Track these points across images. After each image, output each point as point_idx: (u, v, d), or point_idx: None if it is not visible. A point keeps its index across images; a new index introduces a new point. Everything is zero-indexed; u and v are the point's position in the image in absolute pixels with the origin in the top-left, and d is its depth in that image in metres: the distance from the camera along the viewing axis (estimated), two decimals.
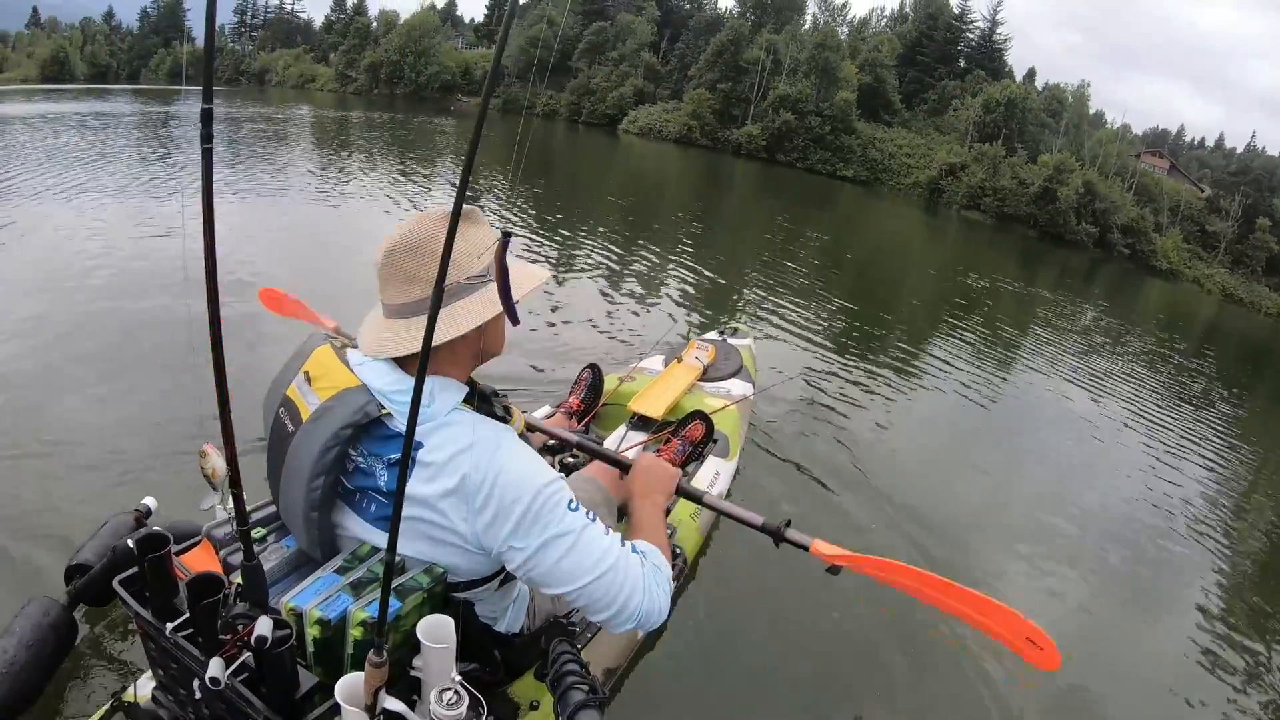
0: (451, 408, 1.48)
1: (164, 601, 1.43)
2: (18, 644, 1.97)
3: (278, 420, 1.59)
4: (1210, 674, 3.76)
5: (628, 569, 1.56)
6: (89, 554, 2.24)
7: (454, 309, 1.47)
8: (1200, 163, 71.55)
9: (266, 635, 1.24)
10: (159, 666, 1.55)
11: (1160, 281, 41.73)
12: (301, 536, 1.58)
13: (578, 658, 1.61)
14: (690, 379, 4.13)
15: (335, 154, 17.39)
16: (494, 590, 1.66)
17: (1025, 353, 10.49)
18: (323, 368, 1.56)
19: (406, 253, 1.48)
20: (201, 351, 1.14)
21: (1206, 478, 7.00)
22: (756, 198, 28.32)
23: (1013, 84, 55.29)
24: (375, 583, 1.44)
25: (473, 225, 1.52)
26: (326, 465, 1.46)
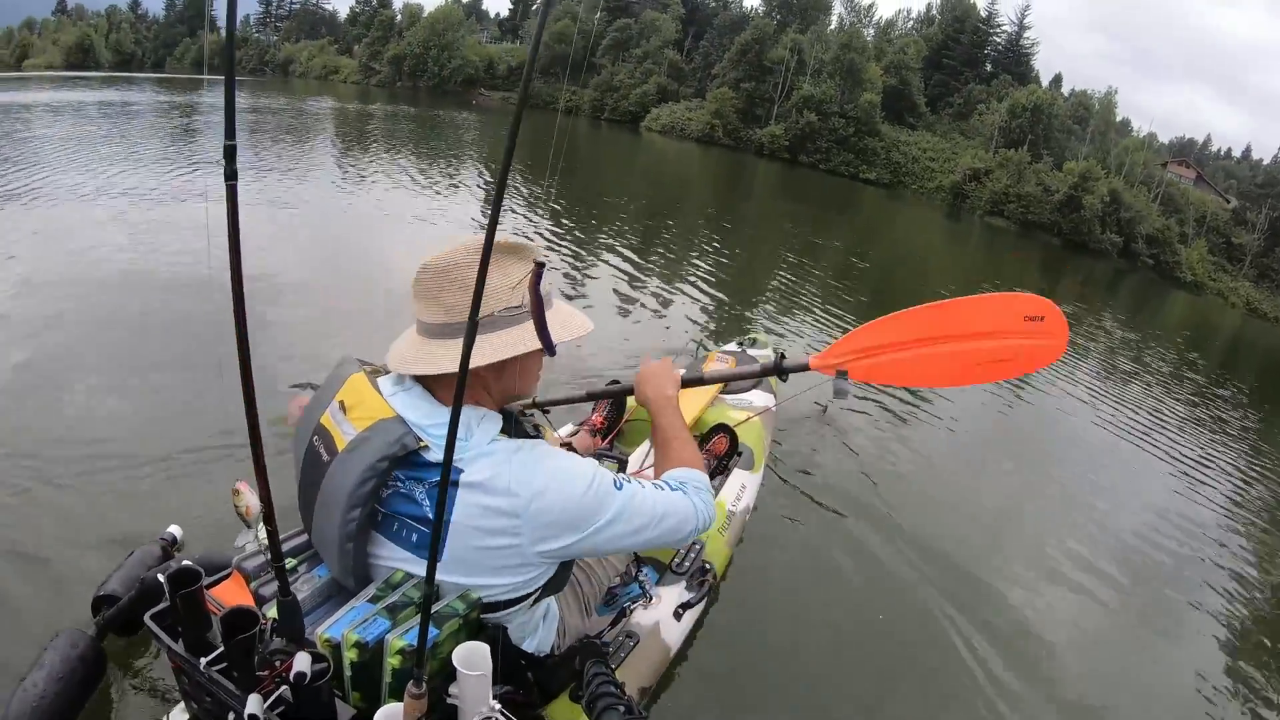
0: (490, 439, 1.49)
1: (197, 636, 1.43)
2: (47, 677, 1.97)
3: (311, 449, 1.58)
4: (1225, 699, 3.70)
5: (679, 508, 1.64)
6: (116, 584, 2.25)
7: (491, 339, 1.48)
8: (1227, 173, 71.03)
9: (305, 671, 1.26)
10: (193, 700, 1.54)
11: (1184, 293, 41.34)
12: (335, 565, 1.58)
13: (613, 678, 1.65)
14: (712, 392, 4.06)
15: (358, 150, 17.25)
16: (527, 608, 1.65)
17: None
18: (357, 396, 1.56)
19: (436, 275, 1.48)
20: (230, 376, 1.13)
21: (1226, 499, 6.88)
22: (778, 201, 27.99)
23: (1039, 89, 54.86)
24: (411, 608, 1.46)
25: (516, 260, 1.52)
26: (363, 497, 1.47)
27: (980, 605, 3.72)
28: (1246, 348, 25.35)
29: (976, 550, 4.38)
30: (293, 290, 6.12)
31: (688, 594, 2.54)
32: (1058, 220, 45.37)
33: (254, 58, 80.00)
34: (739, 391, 4.29)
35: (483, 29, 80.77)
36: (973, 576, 4.04)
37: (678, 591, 2.53)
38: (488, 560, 1.49)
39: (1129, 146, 53.56)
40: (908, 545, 4.10)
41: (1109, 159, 50.80)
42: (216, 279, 1.11)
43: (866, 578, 3.71)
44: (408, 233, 9.86)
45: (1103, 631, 4.04)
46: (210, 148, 13.39)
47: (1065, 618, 4.04)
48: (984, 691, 3.15)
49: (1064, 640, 3.72)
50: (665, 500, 1.63)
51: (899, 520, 4.33)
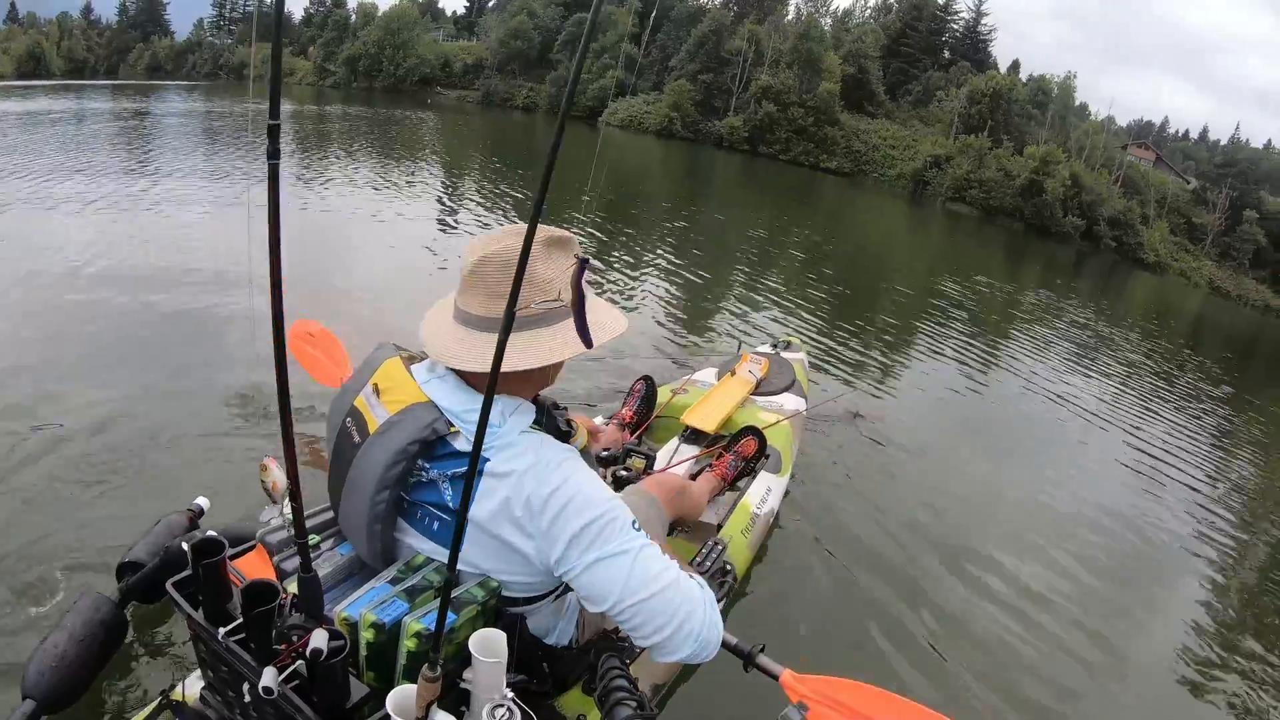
0: (521, 430, 1.49)
1: (217, 606, 1.43)
2: (68, 638, 1.98)
3: (344, 430, 1.59)
4: (1204, 674, 3.79)
5: (687, 590, 1.53)
6: (141, 552, 2.27)
7: (534, 337, 1.48)
8: (1185, 154, 71.98)
9: (322, 648, 1.26)
10: (209, 668, 1.55)
11: (1147, 274, 41.78)
12: (362, 547, 1.59)
13: (627, 673, 1.65)
14: (743, 393, 4.13)
15: (317, 154, 16.58)
16: (549, 604, 1.66)
17: (1012, 350, 10.40)
18: (391, 380, 1.58)
19: (500, 268, 1.47)
20: (264, 355, 1.15)
21: (1195, 475, 6.99)
22: (738, 193, 27.92)
23: (998, 75, 55.12)
24: (430, 591, 1.48)
25: (563, 253, 1.51)
26: (392, 479, 1.49)
27: (1009, 619, 3.69)
28: (1210, 327, 25.62)
29: (943, 534, 4.34)
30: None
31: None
32: (1020, 205, 45.61)
33: (209, 62, 78.68)
34: (770, 394, 4.30)
35: (438, 27, 79.65)
36: (938, 557, 4.04)
37: None
38: (504, 553, 1.50)
39: (1089, 130, 53.99)
40: (933, 552, 4.06)
41: (1069, 143, 51.22)
42: (250, 266, 1.11)
43: (890, 586, 3.64)
44: (371, 232, 9.66)
45: (1081, 610, 4.03)
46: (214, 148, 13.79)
47: (1042, 599, 4.01)
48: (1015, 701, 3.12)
49: (1042, 621, 3.77)
50: (678, 576, 1.52)
51: (926, 528, 4.30)
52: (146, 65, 79.44)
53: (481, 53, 65.19)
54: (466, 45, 69.63)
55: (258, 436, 3.71)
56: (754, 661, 1.95)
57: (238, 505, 2.83)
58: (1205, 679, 3.74)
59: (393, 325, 5.36)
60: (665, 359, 6.26)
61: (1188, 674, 3.74)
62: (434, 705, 1.26)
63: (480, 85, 62.49)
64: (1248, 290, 47.29)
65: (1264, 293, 47.20)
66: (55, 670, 1.94)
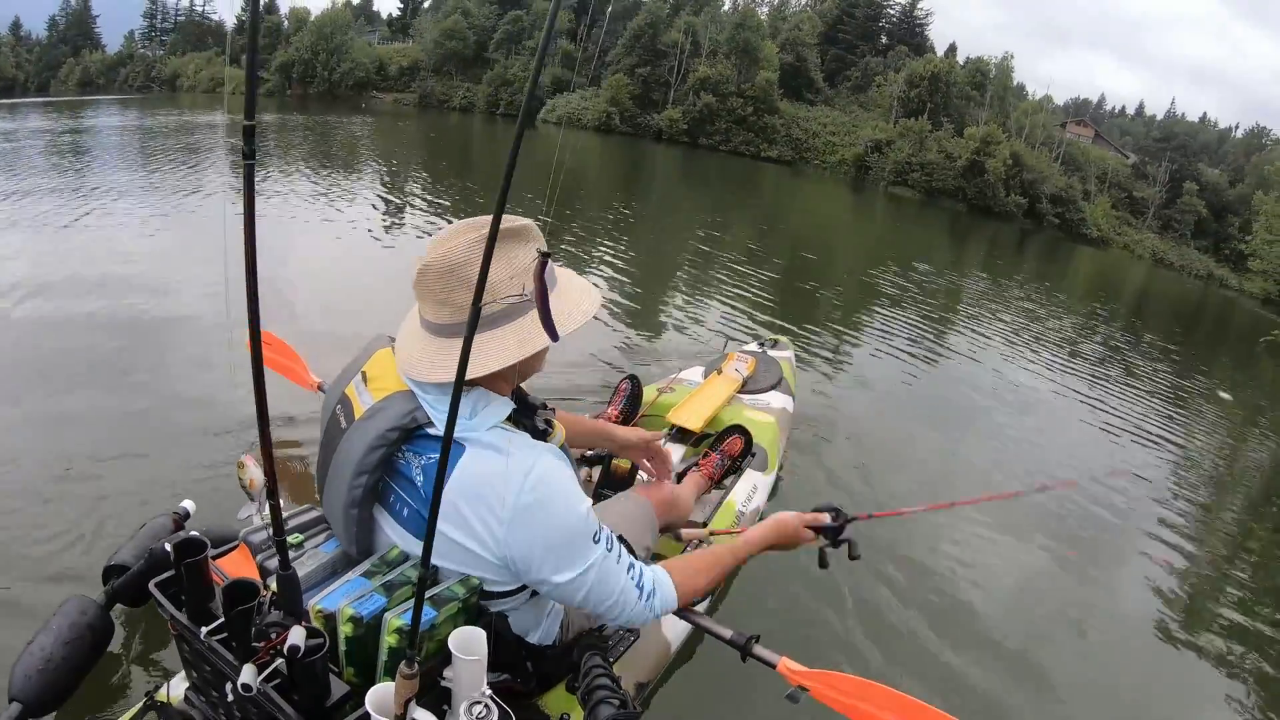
0: (492, 424, 1.49)
1: (200, 606, 1.46)
2: (54, 641, 1.98)
3: (333, 417, 1.62)
4: (1163, 632, 3.87)
5: (623, 603, 1.60)
6: (127, 555, 2.28)
7: (493, 337, 1.48)
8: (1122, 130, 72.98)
9: (299, 645, 1.27)
10: (192, 668, 1.58)
11: (1091, 249, 42.38)
12: (340, 532, 1.61)
13: (609, 671, 1.67)
14: (730, 391, 4.13)
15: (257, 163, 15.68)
16: (526, 600, 1.66)
17: (960, 330, 10.38)
18: (380, 368, 1.60)
19: (441, 275, 1.47)
20: (240, 361, 1.18)
21: (1147, 439, 7.20)
22: (680, 186, 27.63)
23: (935, 59, 55.39)
24: (408, 587, 1.49)
25: (519, 244, 1.50)
26: (370, 464, 1.51)
27: (993, 607, 3.71)
28: (1156, 298, 26.06)
29: (983, 541, 4.33)
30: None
31: None
32: (962, 186, 45.99)
33: (140, 74, 76.74)
34: (757, 392, 4.29)
35: (373, 30, 78.24)
36: (981, 576, 3.97)
37: None
38: (473, 550, 1.49)
39: (1027, 109, 54.59)
40: (918, 547, 4.03)
41: (1009, 123, 51.70)
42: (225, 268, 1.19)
43: (876, 583, 3.60)
44: (314, 241, 9.37)
45: (1039, 577, 4.16)
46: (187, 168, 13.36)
47: (1000, 568, 4.14)
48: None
49: (1003, 593, 3.90)
50: (621, 589, 1.60)
51: (910, 523, 4.19)
52: (78, 80, 77.52)
53: (417, 54, 64.04)
54: (401, 47, 68.24)
55: (239, 437, 3.70)
56: (750, 652, 1.96)
57: (222, 507, 2.82)
58: (1180, 638, 3.84)
59: (344, 332, 5.21)
60: (644, 355, 6.27)
61: (1161, 632, 3.84)
62: (413, 702, 1.26)
63: (416, 87, 61.40)
64: (1190, 260, 48.39)
65: (1206, 262, 48.24)
66: (41, 673, 1.93)
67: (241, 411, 3.83)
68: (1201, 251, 50.07)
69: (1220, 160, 63.82)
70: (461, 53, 60.58)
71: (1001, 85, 55.62)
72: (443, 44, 60.64)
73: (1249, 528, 5.87)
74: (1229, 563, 4.97)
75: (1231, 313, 30.33)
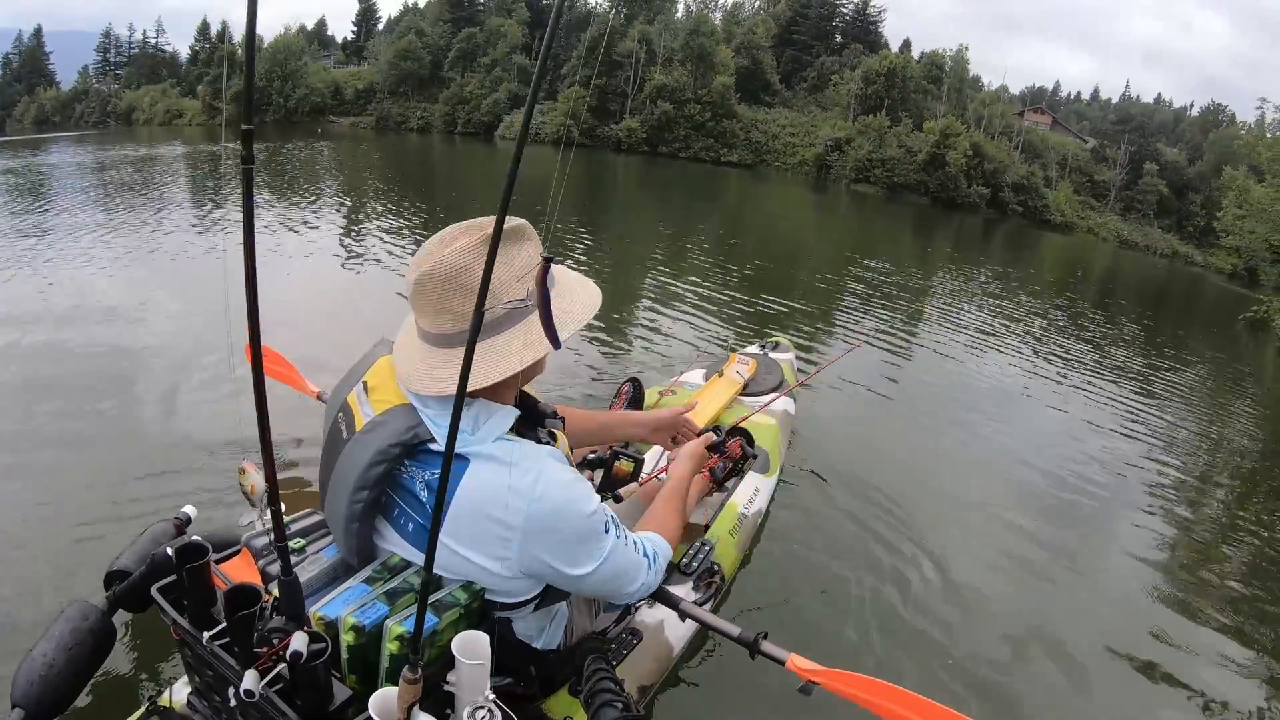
0: (496, 436, 1.47)
1: (202, 610, 1.46)
2: (56, 647, 1.97)
3: (335, 425, 1.61)
4: (1146, 616, 3.85)
5: (639, 574, 1.67)
6: (128, 560, 2.27)
7: (497, 344, 1.46)
8: (1079, 115, 73.42)
9: (302, 650, 1.27)
10: (195, 673, 1.57)
11: (1056, 235, 42.64)
12: (341, 543, 1.59)
13: (613, 674, 1.69)
14: (731, 393, 4.12)
15: (213, 194, 15.09)
16: (531, 611, 1.64)
17: (930, 323, 10.33)
18: (380, 378, 1.59)
19: (440, 282, 1.44)
20: (241, 365, 1.18)
21: (1120, 424, 7.10)
22: (642, 195, 27.85)
23: (890, 54, 55.64)
24: (410, 594, 1.48)
25: (515, 245, 1.48)
26: (372, 479, 1.48)
27: (993, 603, 3.66)
28: (1123, 278, 26.24)
29: (888, 506, 4.28)
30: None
31: (694, 594, 2.47)
32: (924, 180, 46.10)
33: (95, 110, 76.06)
34: (759, 394, 4.25)
35: (328, 54, 77.68)
36: (980, 571, 3.95)
37: (684, 591, 2.45)
38: (480, 563, 1.48)
39: (985, 100, 54.94)
40: (920, 550, 3.93)
41: (967, 114, 51.95)
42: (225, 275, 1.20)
43: (879, 585, 3.56)
44: (284, 266, 8.88)
45: (1025, 567, 4.11)
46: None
47: (987, 560, 4.10)
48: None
49: (992, 583, 3.84)
50: (635, 564, 1.66)
51: (912, 525, 4.14)
52: (33, 119, 76.91)
53: (372, 77, 63.68)
54: (357, 70, 67.96)
55: (240, 443, 3.56)
56: (759, 649, 1.95)
57: (225, 513, 2.90)
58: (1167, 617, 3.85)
59: (321, 356, 4.98)
60: (624, 363, 6.23)
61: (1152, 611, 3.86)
62: (416, 707, 1.26)
63: (373, 110, 60.94)
64: (1154, 240, 48.75)
65: (1171, 240, 48.58)
66: (44, 679, 1.91)
67: (241, 417, 3.55)
68: (1165, 230, 50.58)
69: (1178, 139, 64.59)
70: (417, 73, 60.34)
71: (958, 78, 56.01)
72: (398, 65, 60.36)
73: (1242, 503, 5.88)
74: (1224, 539, 5.02)
75: (1202, 289, 30.69)
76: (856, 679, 1.78)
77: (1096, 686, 3.21)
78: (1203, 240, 48.05)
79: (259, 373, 1.15)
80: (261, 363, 1.15)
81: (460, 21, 61.70)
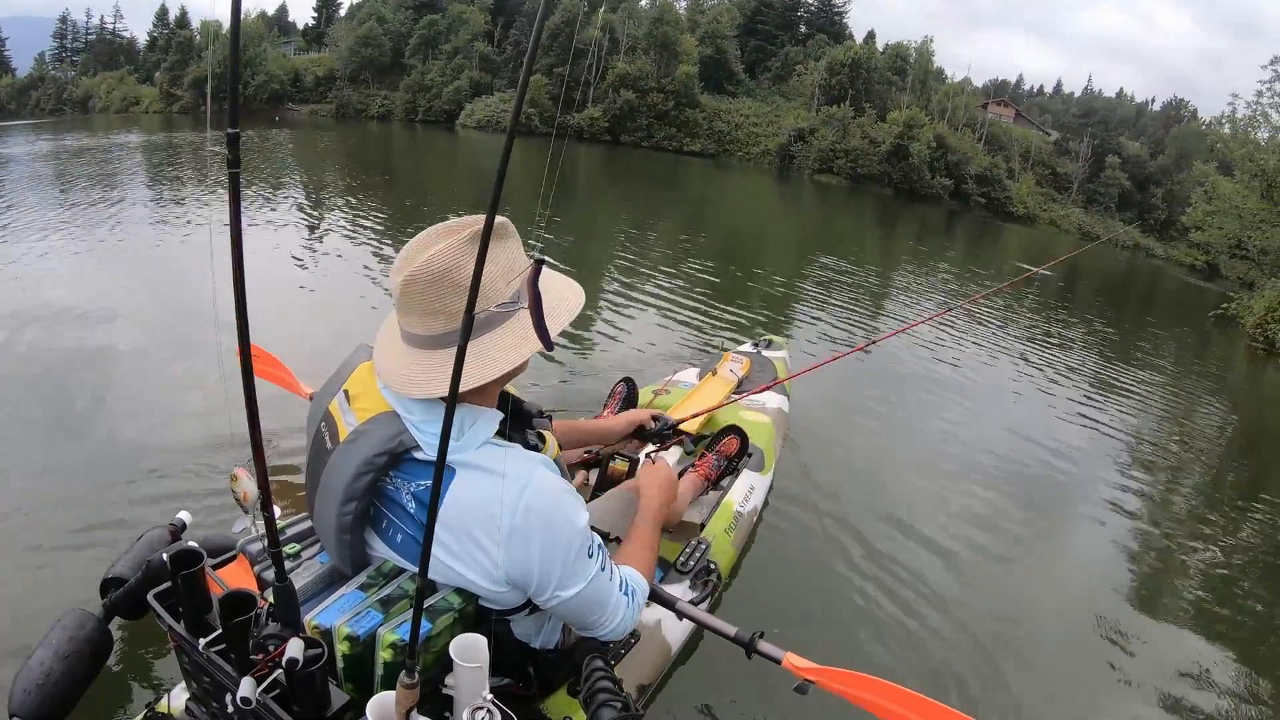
0: (481, 442, 1.45)
1: (198, 617, 1.45)
2: (53, 655, 1.97)
3: (318, 435, 1.59)
4: (1110, 588, 4.00)
5: (616, 610, 1.64)
6: (124, 567, 2.26)
7: (486, 343, 1.43)
8: (1041, 108, 73.95)
9: (298, 658, 1.26)
10: (192, 679, 1.56)
11: (1019, 227, 43.12)
12: (334, 554, 1.58)
13: (611, 674, 1.65)
14: (725, 392, 4.08)
15: (172, 186, 14.46)
16: (526, 614, 1.62)
17: (894, 314, 10.33)
18: (362, 386, 1.56)
19: (429, 283, 1.41)
20: (232, 374, 1.15)
21: (1087, 408, 7.35)
22: (603, 184, 27.14)
23: (855, 45, 55.73)
24: (404, 600, 1.48)
25: (502, 243, 1.45)
26: (358, 491, 1.46)
27: (991, 611, 3.59)
28: (1084, 270, 26.18)
29: (858, 496, 4.35)
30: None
31: (691, 593, 2.47)
32: (888, 170, 46.25)
33: (52, 97, 74.28)
34: (752, 392, 4.18)
35: (287, 41, 76.32)
36: (968, 565, 3.94)
37: (681, 590, 2.48)
38: (470, 573, 1.47)
39: (949, 92, 55.19)
40: (916, 547, 3.99)
41: (931, 106, 52.22)
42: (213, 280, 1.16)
43: (873, 580, 3.57)
44: (253, 263, 8.34)
45: (995, 549, 4.17)
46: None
47: (954, 544, 4.08)
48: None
49: (960, 564, 3.89)
50: (615, 599, 1.64)
51: (904, 523, 4.20)
52: None
53: (332, 64, 62.51)
54: (317, 57, 66.53)
55: (232, 447, 3.43)
56: (755, 648, 1.96)
57: (220, 519, 2.91)
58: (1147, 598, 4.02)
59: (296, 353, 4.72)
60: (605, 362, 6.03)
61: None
62: (414, 711, 1.26)
63: (333, 97, 59.84)
64: (1116, 232, 49.00)
65: (1132, 233, 49.09)
66: (41, 688, 1.90)
67: (233, 422, 3.35)
68: (1126, 223, 51.02)
69: (1140, 133, 65.18)
70: (378, 60, 59.35)
71: (922, 69, 56.24)
72: (358, 52, 59.30)
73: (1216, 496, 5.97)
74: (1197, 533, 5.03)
75: (1161, 282, 31.10)
76: (852, 677, 1.79)
77: (1095, 679, 3.25)
78: (1164, 233, 48.55)
79: (249, 377, 1.12)
80: (251, 366, 1.12)
81: (422, 8, 60.66)
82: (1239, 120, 20.30)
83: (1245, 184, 19.27)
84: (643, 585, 1.78)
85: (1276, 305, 15.27)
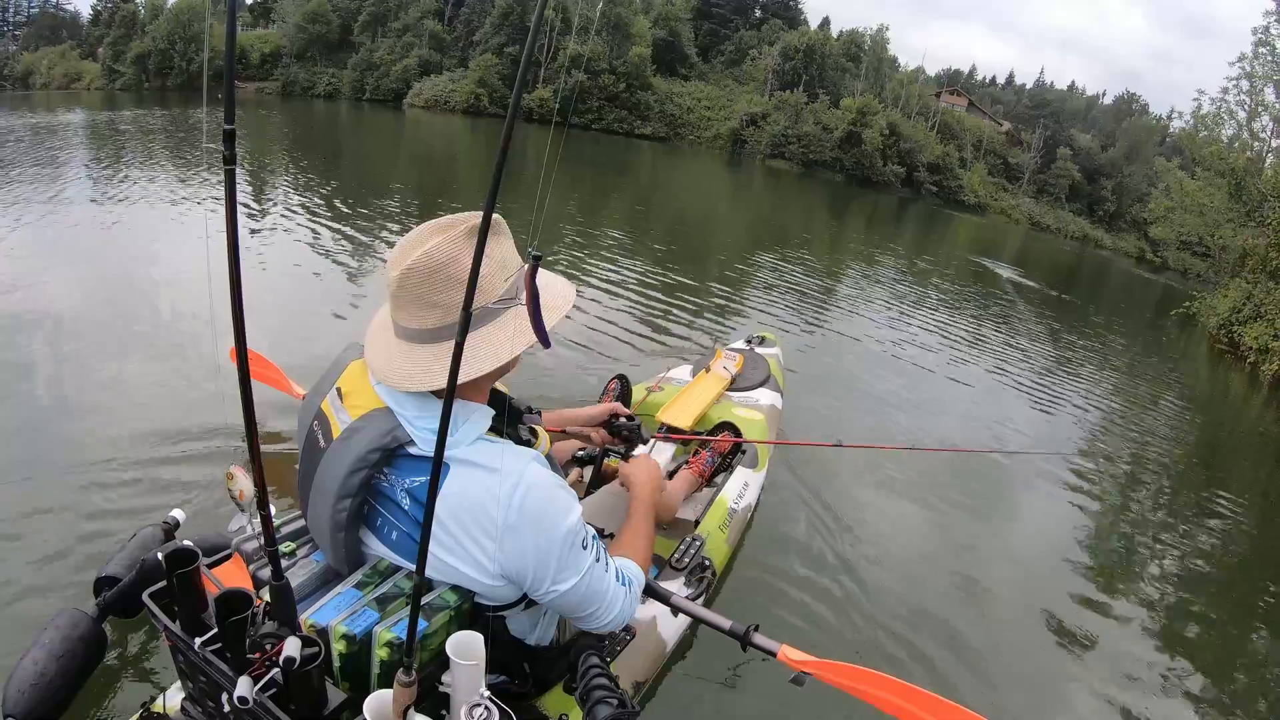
0: (476, 437, 1.46)
1: (193, 616, 1.45)
2: (47, 655, 1.95)
3: (311, 434, 1.58)
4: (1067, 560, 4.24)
5: (616, 603, 1.64)
6: (118, 566, 2.24)
7: (480, 337, 1.43)
8: (993, 99, 74.30)
9: (294, 656, 1.26)
10: (188, 679, 1.57)
11: (970, 215, 43.49)
12: (328, 553, 1.58)
13: (607, 671, 1.65)
14: (718, 389, 4.03)
15: (111, 167, 13.34)
16: (522, 609, 1.64)
17: (845, 302, 10.46)
18: (354, 383, 1.56)
19: (427, 276, 1.40)
20: (228, 372, 1.18)
21: (1039, 389, 7.73)
22: (550, 167, 26.60)
23: (810, 31, 55.80)
24: (401, 599, 1.48)
25: (498, 239, 1.46)
26: (353, 487, 1.46)
27: (984, 604, 3.70)
28: (1034, 258, 26.86)
29: (821, 479, 4.39)
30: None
31: (686, 589, 2.46)
32: (840, 157, 46.31)
33: None
34: (746, 389, 4.22)
35: None
36: (963, 562, 4.01)
37: (676, 586, 2.46)
38: (465, 569, 1.47)
39: (903, 80, 55.53)
40: (913, 542, 4.12)
41: (885, 94, 52.38)
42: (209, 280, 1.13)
43: (869, 576, 3.58)
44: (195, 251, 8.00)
45: (948, 526, 4.36)
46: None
47: (904, 519, 4.33)
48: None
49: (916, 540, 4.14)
50: (613, 591, 1.64)
51: (896, 521, 4.33)
52: None
53: (279, 41, 61.03)
54: (264, 34, 64.86)
55: (227, 445, 3.58)
56: (750, 641, 1.98)
57: (215, 517, 2.88)
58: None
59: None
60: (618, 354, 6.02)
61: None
62: (411, 709, 1.26)
63: (279, 75, 58.38)
64: (1065, 223, 49.84)
65: (1081, 224, 49.63)
66: (35, 688, 1.88)
67: (228, 421, 3.48)
68: (1075, 214, 51.51)
69: (1091, 126, 65.77)
70: (326, 37, 57.95)
71: (877, 57, 56.26)
72: (306, 28, 57.86)
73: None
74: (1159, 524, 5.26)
75: (1109, 272, 31.50)
76: (847, 669, 1.79)
77: (1091, 671, 3.32)
78: (1112, 225, 49.01)
79: (245, 376, 1.12)
80: (248, 366, 1.11)
81: None
82: (1205, 117, 20.27)
83: (1209, 182, 19.31)
84: (639, 575, 1.78)
85: (1241, 306, 15.16)
